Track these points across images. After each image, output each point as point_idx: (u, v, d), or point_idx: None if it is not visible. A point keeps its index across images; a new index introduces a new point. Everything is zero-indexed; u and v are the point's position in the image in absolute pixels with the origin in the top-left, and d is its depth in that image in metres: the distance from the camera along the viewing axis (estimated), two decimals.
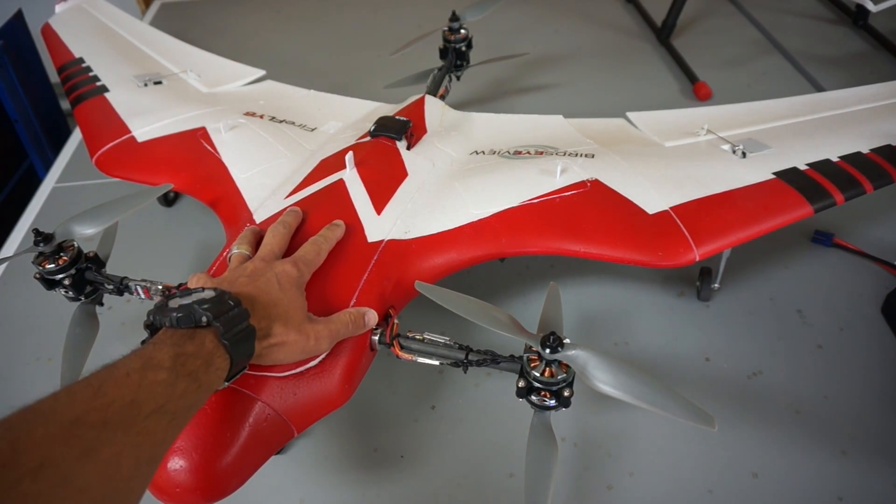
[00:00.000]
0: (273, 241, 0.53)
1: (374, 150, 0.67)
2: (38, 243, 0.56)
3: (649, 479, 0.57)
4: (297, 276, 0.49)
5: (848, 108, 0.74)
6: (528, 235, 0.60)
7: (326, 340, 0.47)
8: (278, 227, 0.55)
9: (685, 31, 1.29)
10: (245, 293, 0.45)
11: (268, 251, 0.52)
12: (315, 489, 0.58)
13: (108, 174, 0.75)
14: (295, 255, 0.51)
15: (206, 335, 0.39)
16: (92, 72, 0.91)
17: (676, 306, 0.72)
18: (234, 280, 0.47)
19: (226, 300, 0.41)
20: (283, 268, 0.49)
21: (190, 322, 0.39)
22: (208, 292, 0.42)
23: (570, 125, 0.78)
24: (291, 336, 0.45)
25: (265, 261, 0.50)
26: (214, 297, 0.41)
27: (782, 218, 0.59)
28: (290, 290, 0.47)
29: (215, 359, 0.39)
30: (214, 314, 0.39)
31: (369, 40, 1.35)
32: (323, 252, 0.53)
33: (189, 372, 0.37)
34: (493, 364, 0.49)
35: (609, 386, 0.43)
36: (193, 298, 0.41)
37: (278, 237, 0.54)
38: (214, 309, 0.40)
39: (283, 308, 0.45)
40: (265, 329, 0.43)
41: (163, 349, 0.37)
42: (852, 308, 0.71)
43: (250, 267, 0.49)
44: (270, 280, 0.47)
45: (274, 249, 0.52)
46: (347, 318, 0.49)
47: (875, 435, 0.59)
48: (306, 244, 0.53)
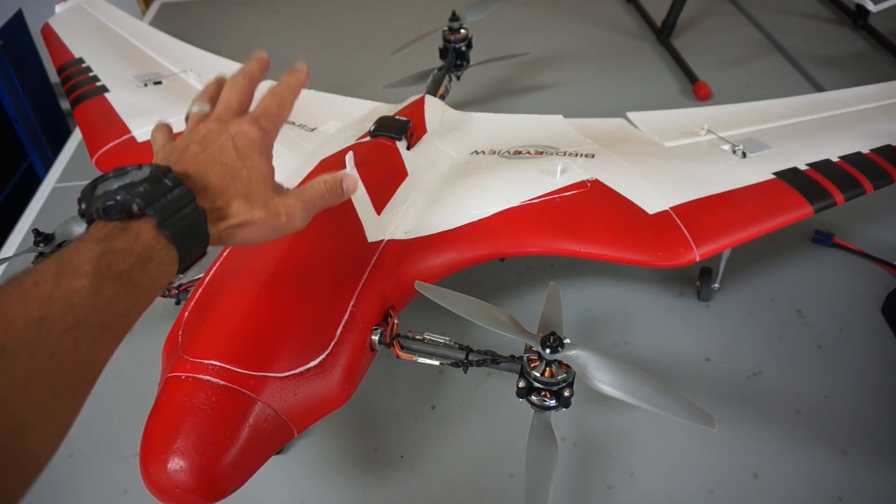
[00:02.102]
0: (231, 95, 0.44)
1: (374, 150, 0.67)
2: (38, 243, 0.56)
3: (649, 479, 0.57)
4: (260, 137, 0.41)
5: (848, 108, 0.74)
6: (528, 235, 0.60)
7: (301, 214, 0.41)
8: (237, 79, 0.45)
9: (685, 31, 1.29)
10: (194, 167, 0.38)
11: (224, 108, 0.43)
12: (315, 489, 0.58)
13: None
14: (255, 111, 0.43)
15: (141, 226, 0.33)
16: (92, 72, 0.91)
17: (676, 306, 0.72)
18: (184, 149, 0.40)
19: (161, 181, 0.35)
20: (240, 127, 0.41)
21: (119, 212, 0.33)
22: (144, 170, 0.35)
23: (570, 125, 0.78)
24: (256, 213, 0.39)
25: (220, 120, 0.42)
26: (148, 177, 0.34)
27: (782, 218, 0.59)
28: (250, 156, 0.40)
29: (155, 253, 0.33)
30: (147, 199, 0.33)
31: (369, 40, 1.35)
32: (287, 102, 0.45)
33: (117, 273, 0.31)
34: (493, 364, 0.49)
35: (609, 386, 0.43)
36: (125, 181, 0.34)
37: (237, 89, 0.44)
38: (147, 192, 0.34)
39: (242, 181, 0.39)
40: (221, 209, 0.38)
41: (84, 248, 0.32)
42: (852, 308, 0.71)
43: (203, 130, 0.41)
44: (225, 145, 0.40)
45: (231, 105, 0.43)
46: (323, 186, 0.43)
47: (875, 435, 0.59)
48: (265, 95, 0.44)
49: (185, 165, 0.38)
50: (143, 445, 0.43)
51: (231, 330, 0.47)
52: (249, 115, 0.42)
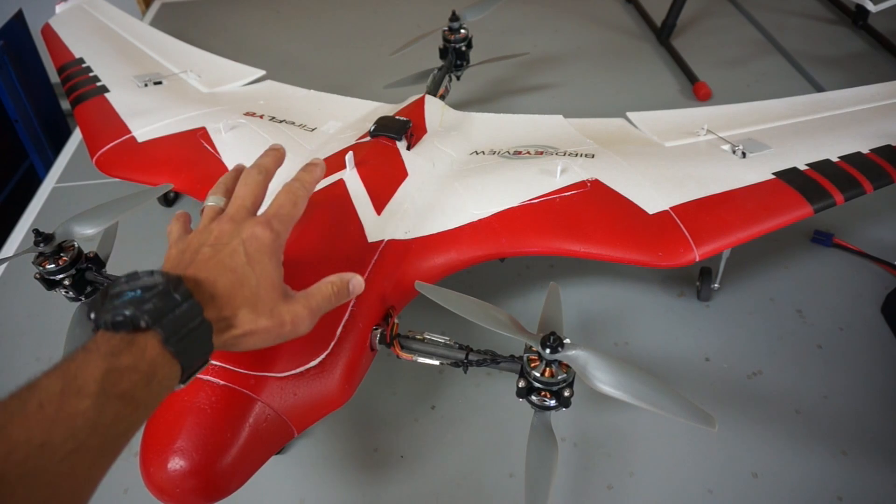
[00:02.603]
0: (245, 193, 0.44)
1: (374, 150, 0.67)
2: (38, 243, 0.56)
3: (649, 479, 0.57)
4: (271, 240, 0.41)
5: (848, 108, 0.74)
6: (528, 235, 0.60)
7: (306, 321, 0.41)
8: (252, 173, 0.45)
9: (685, 31, 1.29)
10: (205, 273, 0.38)
11: (237, 207, 0.43)
12: (315, 489, 0.58)
13: (108, 174, 0.75)
14: (268, 211, 0.43)
15: (147, 341, 0.33)
16: (92, 72, 0.91)
17: (676, 306, 0.72)
18: (196, 250, 0.40)
19: (172, 294, 0.34)
20: (252, 231, 0.41)
21: (128, 326, 0.33)
22: (156, 278, 0.35)
23: (570, 125, 0.78)
24: (262, 323, 0.39)
25: (234, 221, 0.42)
26: (159, 291, 0.34)
27: (782, 218, 0.59)
28: (260, 262, 0.40)
29: (159, 369, 0.33)
30: (156, 315, 0.33)
31: (369, 40, 1.35)
32: (301, 201, 0.45)
33: (122, 392, 0.31)
34: (493, 364, 0.49)
35: (609, 386, 0.43)
36: (136, 290, 0.34)
37: (251, 186, 0.45)
38: (157, 309, 0.33)
39: (250, 288, 0.39)
40: (227, 319, 0.38)
41: (91, 364, 0.31)
42: (852, 308, 0.71)
43: (215, 231, 0.41)
44: (236, 250, 0.40)
45: (245, 203, 0.43)
46: (329, 289, 0.43)
47: (875, 435, 0.59)
48: (280, 194, 0.44)
49: (196, 270, 0.38)
50: (143, 445, 0.43)
51: None
52: (262, 217, 0.42)
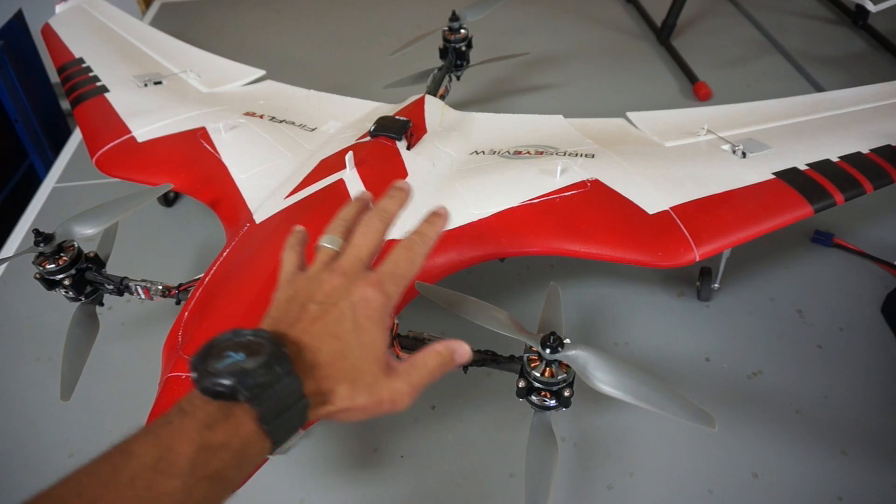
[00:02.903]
0: (363, 243, 0.41)
1: (374, 150, 0.67)
2: (38, 243, 0.56)
3: (649, 479, 0.57)
4: (381, 305, 0.38)
5: (848, 108, 0.74)
6: (528, 235, 0.60)
7: (406, 399, 0.38)
8: (373, 221, 0.42)
9: (685, 31, 1.29)
10: (309, 338, 0.36)
11: (353, 259, 0.40)
12: (315, 489, 0.58)
13: (108, 174, 0.75)
14: (381, 270, 0.39)
15: (243, 415, 0.32)
16: (92, 72, 0.91)
17: (676, 306, 0.72)
18: (304, 304, 0.38)
19: (274, 368, 0.33)
20: (363, 294, 0.38)
21: (227, 397, 0.32)
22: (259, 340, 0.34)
23: (570, 125, 0.78)
24: (359, 400, 0.36)
25: (346, 276, 0.39)
26: (262, 362, 0.33)
27: (782, 218, 0.59)
28: (367, 329, 0.37)
29: (251, 446, 0.32)
30: (255, 393, 0.32)
31: (369, 40, 1.34)
32: (419, 259, 0.41)
33: (212, 473, 0.30)
34: (493, 364, 0.49)
35: (609, 386, 0.43)
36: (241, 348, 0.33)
37: (370, 235, 0.41)
38: (258, 385, 0.32)
39: (353, 360, 0.36)
40: (325, 394, 0.35)
41: (185, 435, 0.31)
42: (852, 308, 0.71)
43: (327, 285, 0.38)
44: (344, 315, 0.37)
45: (361, 256, 0.40)
46: (435, 361, 0.40)
47: (875, 435, 0.59)
48: (398, 248, 0.40)
49: (301, 334, 0.36)
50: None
51: None
52: (375, 277, 0.39)
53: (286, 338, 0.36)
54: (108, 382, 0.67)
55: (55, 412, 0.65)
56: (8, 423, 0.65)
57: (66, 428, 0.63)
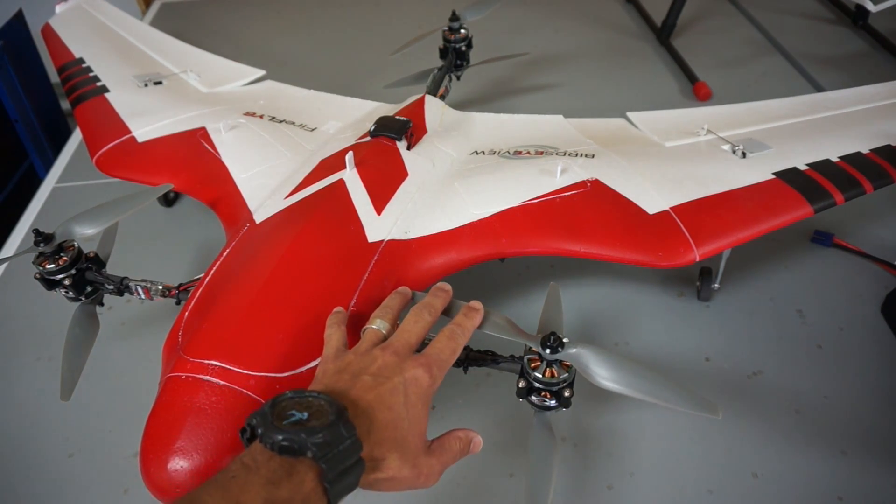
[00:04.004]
0: (414, 331, 0.45)
1: (374, 150, 0.67)
2: (38, 243, 0.56)
3: (649, 479, 0.57)
4: (428, 386, 0.41)
5: (848, 108, 0.74)
6: (528, 235, 0.60)
7: (437, 476, 0.41)
8: (423, 314, 0.46)
9: (685, 31, 1.29)
10: (365, 404, 0.38)
11: (403, 343, 0.44)
12: None
13: (108, 174, 0.75)
14: (428, 354, 0.43)
15: (307, 473, 0.33)
16: (92, 72, 0.91)
17: (676, 306, 0.72)
18: (356, 374, 0.40)
19: (339, 428, 0.34)
20: (414, 373, 0.41)
21: (293, 454, 0.33)
22: (321, 401, 0.36)
23: (570, 125, 0.78)
24: (406, 471, 0.38)
25: (398, 355, 0.42)
26: (330, 424, 0.34)
27: (782, 218, 0.59)
28: (416, 406, 0.40)
29: (311, 503, 0.33)
30: (322, 451, 0.33)
31: (369, 40, 1.35)
32: (459, 348, 0.45)
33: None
34: (493, 364, 0.49)
35: (611, 382, 0.44)
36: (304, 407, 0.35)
37: (421, 325, 0.45)
38: (325, 443, 0.33)
39: (402, 431, 0.39)
40: (376, 460, 0.37)
41: (251, 491, 0.32)
42: (852, 308, 0.71)
43: (380, 361, 0.41)
44: (397, 389, 0.40)
45: (411, 341, 0.44)
46: (458, 445, 0.43)
47: (875, 435, 0.59)
48: (441, 337, 0.45)
49: (357, 399, 0.38)
50: (143, 445, 0.43)
51: (231, 330, 0.47)
52: (424, 359, 0.42)
53: (344, 399, 0.37)
54: (108, 382, 0.67)
55: (55, 412, 0.65)
56: (8, 423, 0.65)
57: (66, 428, 0.63)
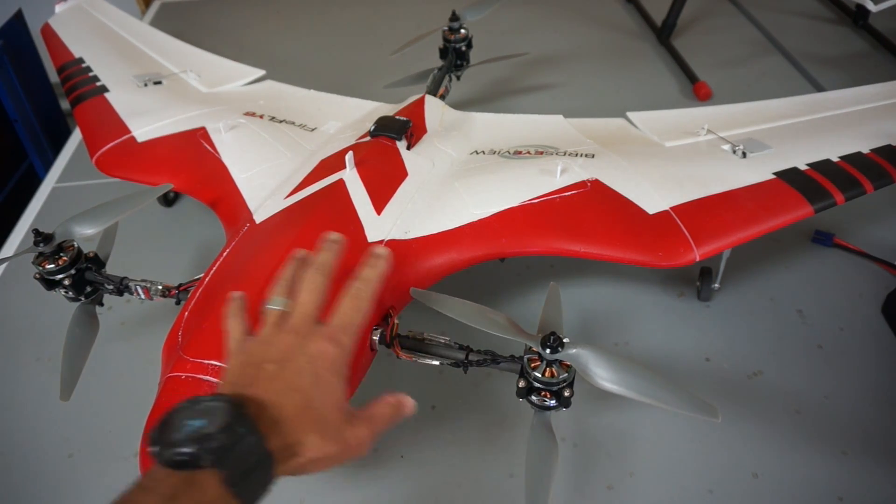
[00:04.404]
0: (309, 300, 0.42)
1: (374, 150, 0.67)
2: (38, 243, 0.56)
3: (649, 479, 0.57)
4: (338, 356, 0.40)
5: (848, 108, 0.74)
6: (528, 235, 0.60)
7: (368, 444, 0.40)
8: (315, 277, 0.43)
9: (685, 31, 1.29)
10: (270, 395, 0.36)
11: (302, 316, 0.41)
12: (315, 489, 0.58)
13: (108, 174, 0.75)
14: (333, 323, 0.41)
15: (208, 480, 0.31)
16: (92, 72, 0.91)
17: (676, 306, 0.72)
18: (259, 365, 0.38)
19: (235, 429, 0.33)
20: (318, 347, 0.39)
21: (189, 466, 0.31)
22: (218, 403, 0.34)
23: (570, 125, 0.78)
24: (329, 448, 0.37)
25: (298, 333, 0.40)
26: (223, 427, 0.33)
27: (783, 218, 0.59)
28: (327, 381, 0.38)
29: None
30: (218, 455, 0.31)
31: (369, 40, 1.34)
32: (365, 304, 0.43)
33: None
34: (493, 364, 0.49)
35: (611, 383, 0.43)
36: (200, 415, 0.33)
37: (314, 292, 0.43)
38: (220, 447, 0.32)
39: (317, 410, 0.37)
40: (292, 447, 0.36)
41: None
42: (852, 308, 0.71)
43: (280, 345, 0.40)
44: (303, 369, 0.38)
45: (310, 312, 0.42)
46: (388, 410, 0.42)
47: (875, 435, 0.59)
48: (345, 300, 0.43)
49: (261, 391, 0.37)
50: (142, 446, 0.43)
51: None
52: (328, 331, 0.41)
53: (246, 398, 0.36)
54: (108, 382, 0.67)
55: (55, 412, 0.65)
56: (8, 423, 0.65)
57: (66, 428, 0.63)
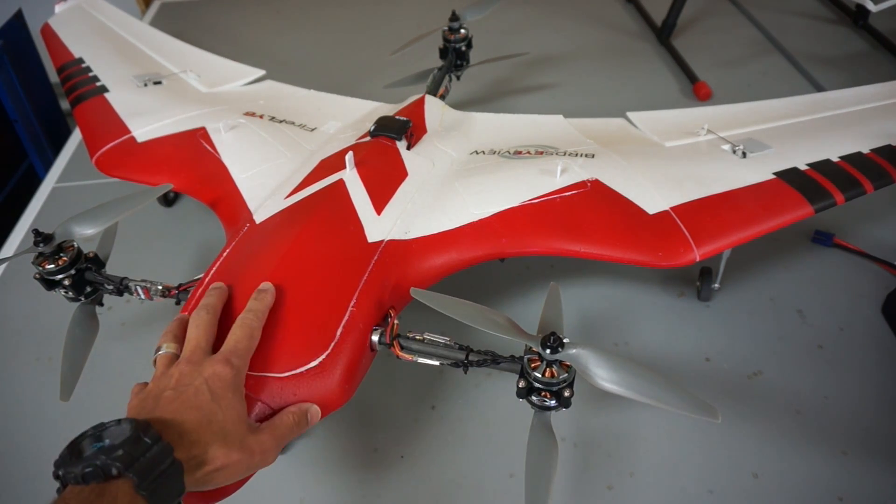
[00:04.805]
0: (198, 335, 0.46)
1: (374, 150, 0.67)
2: (37, 243, 0.56)
3: (649, 479, 0.57)
4: (232, 377, 0.42)
5: (848, 108, 0.74)
6: (528, 235, 0.60)
7: (274, 451, 0.43)
8: (200, 314, 0.47)
9: (685, 31, 1.29)
10: (170, 414, 0.39)
11: (193, 348, 0.45)
12: (315, 489, 0.58)
13: (108, 174, 0.75)
14: (225, 349, 0.44)
15: (118, 489, 0.33)
16: (92, 72, 0.91)
17: (676, 306, 0.72)
18: (158, 395, 0.41)
19: (142, 439, 0.35)
20: (213, 370, 0.42)
21: (98, 477, 0.33)
22: (123, 426, 0.36)
23: (570, 125, 0.78)
24: (233, 456, 0.40)
25: (191, 363, 0.43)
26: (128, 438, 0.35)
27: (783, 218, 0.59)
28: (224, 397, 0.41)
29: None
30: (127, 462, 0.34)
31: (369, 40, 1.34)
32: (256, 331, 0.46)
33: None
34: (493, 364, 0.49)
35: (611, 383, 0.43)
36: (105, 436, 0.35)
37: (203, 327, 0.46)
38: (127, 455, 0.34)
39: (218, 424, 0.40)
40: (199, 456, 0.38)
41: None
42: (852, 308, 0.71)
43: (175, 374, 0.42)
44: (200, 389, 0.41)
45: (200, 344, 0.45)
46: (291, 419, 0.45)
47: (875, 435, 0.59)
48: (235, 329, 0.46)
49: (162, 412, 0.39)
50: None
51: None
52: (221, 355, 0.44)
53: (150, 419, 0.38)
54: (108, 382, 0.67)
55: (55, 412, 0.65)
56: (8, 423, 0.65)
57: (66, 428, 0.63)
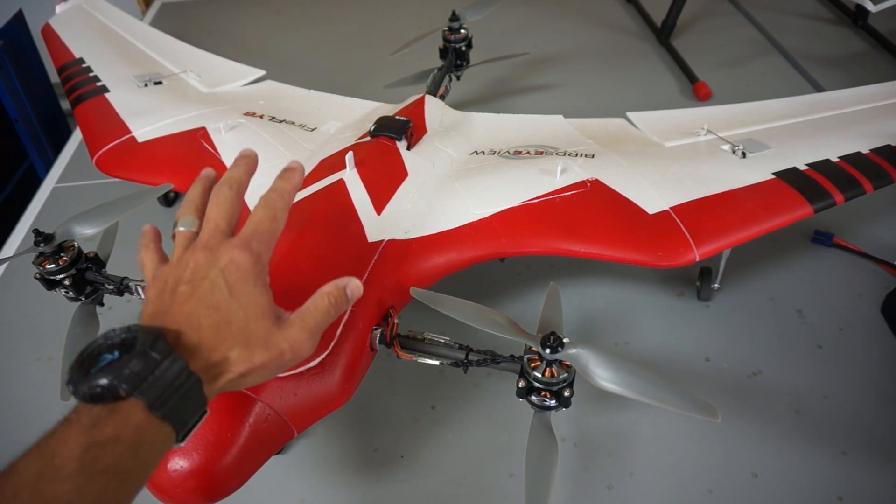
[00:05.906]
0: (217, 214, 0.40)
1: (374, 150, 0.67)
2: (38, 243, 0.56)
3: (649, 479, 0.57)
4: (252, 264, 0.37)
5: (848, 109, 0.74)
6: (528, 235, 0.60)
7: (307, 344, 0.38)
8: (223, 190, 0.41)
9: (685, 31, 1.29)
10: (185, 316, 0.35)
11: (212, 230, 0.39)
12: (315, 489, 0.58)
13: (108, 174, 0.75)
14: (244, 232, 0.39)
15: (130, 408, 0.31)
16: (92, 72, 0.91)
17: (676, 306, 0.72)
18: (174, 289, 0.37)
19: (149, 354, 0.32)
20: (230, 257, 0.37)
21: (107, 398, 0.31)
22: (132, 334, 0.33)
23: (570, 125, 0.78)
24: (258, 358, 0.36)
25: (208, 248, 0.38)
26: (137, 351, 0.32)
27: (782, 218, 0.59)
28: (244, 291, 0.37)
29: (147, 434, 0.31)
30: (134, 383, 0.31)
31: (369, 40, 1.35)
32: (280, 214, 0.41)
33: (105, 468, 0.29)
34: (493, 364, 0.49)
35: (611, 383, 0.43)
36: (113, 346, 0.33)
37: (223, 205, 0.40)
38: (135, 374, 0.31)
39: (238, 324, 0.36)
40: (219, 364, 0.35)
41: (70, 439, 0.30)
42: (852, 308, 0.71)
43: (191, 263, 0.37)
44: (216, 283, 0.36)
45: (219, 226, 0.39)
46: (325, 301, 0.39)
47: (875, 435, 0.59)
48: (257, 209, 0.40)
49: (176, 316, 0.35)
50: None
51: None
52: (239, 239, 0.38)
53: (162, 328, 0.35)
54: None
55: (55, 412, 0.65)
56: (8, 423, 0.65)
57: None
